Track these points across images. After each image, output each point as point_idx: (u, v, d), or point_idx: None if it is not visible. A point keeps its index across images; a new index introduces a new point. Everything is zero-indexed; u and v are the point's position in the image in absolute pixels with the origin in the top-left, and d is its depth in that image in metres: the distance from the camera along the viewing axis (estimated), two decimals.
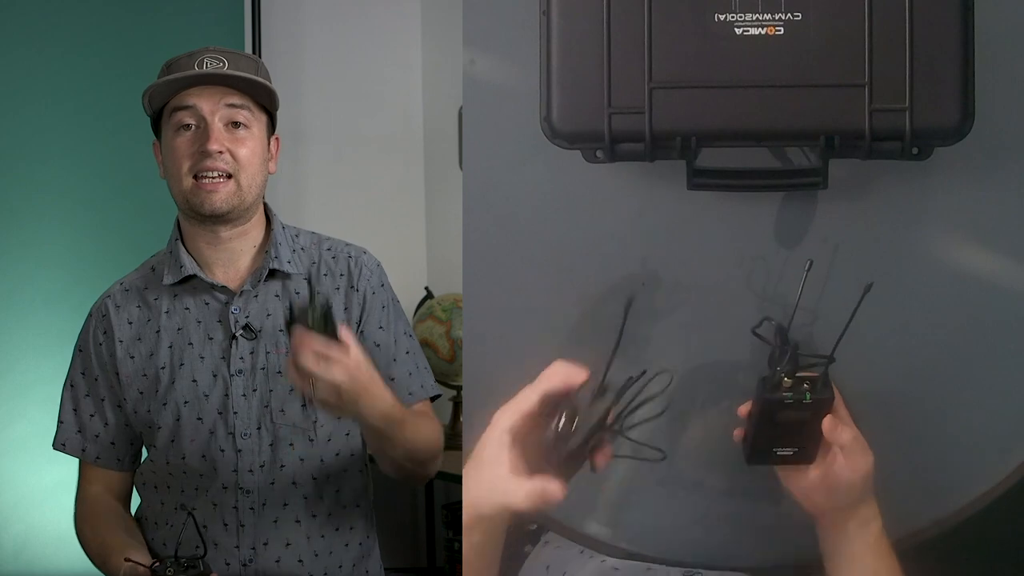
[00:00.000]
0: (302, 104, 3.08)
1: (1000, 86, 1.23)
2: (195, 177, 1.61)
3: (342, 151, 3.18)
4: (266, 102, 1.67)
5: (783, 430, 1.24)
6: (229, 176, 1.61)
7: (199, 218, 1.64)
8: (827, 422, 1.23)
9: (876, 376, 1.29)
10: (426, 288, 3.18)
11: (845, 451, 1.23)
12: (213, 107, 1.61)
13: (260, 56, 2.99)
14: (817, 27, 1.15)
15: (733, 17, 1.15)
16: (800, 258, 1.27)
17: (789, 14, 1.15)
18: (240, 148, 1.62)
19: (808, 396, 1.23)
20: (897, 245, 1.28)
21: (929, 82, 1.15)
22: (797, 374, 1.23)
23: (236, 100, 1.62)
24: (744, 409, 1.27)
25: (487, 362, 1.32)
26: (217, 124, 1.60)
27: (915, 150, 1.17)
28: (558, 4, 1.18)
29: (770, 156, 1.25)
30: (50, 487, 2.64)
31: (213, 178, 1.60)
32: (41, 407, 2.63)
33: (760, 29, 1.15)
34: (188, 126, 1.61)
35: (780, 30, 1.15)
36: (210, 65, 1.60)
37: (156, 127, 1.68)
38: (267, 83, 1.65)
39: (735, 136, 1.18)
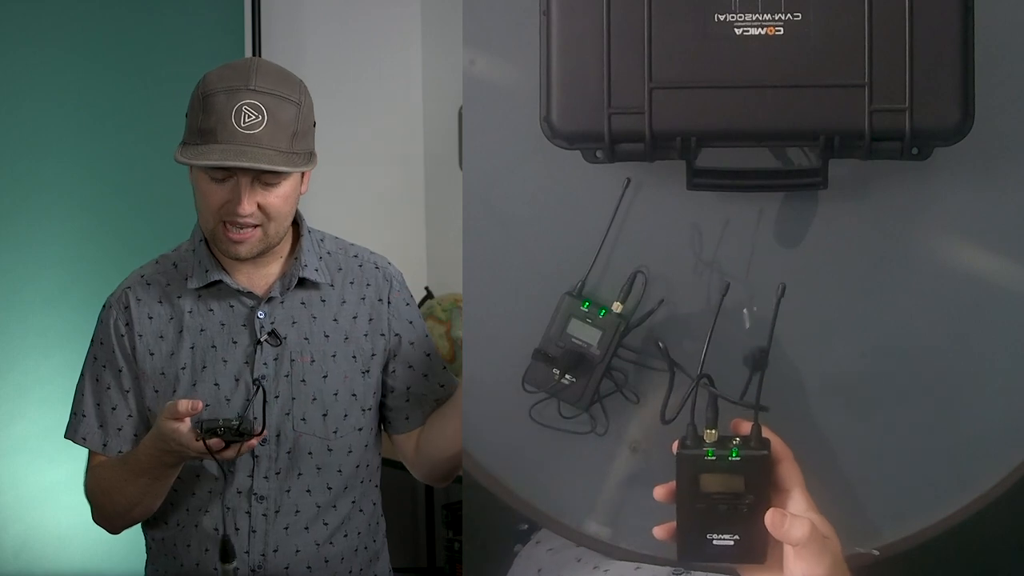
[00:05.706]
0: None
1: (1000, 86, 1.23)
2: (222, 221, 1.56)
3: (342, 151, 3.18)
4: (305, 148, 1.59)
5: (713, 506, 1.02)
6: (257, 226, 1.57)
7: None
8: (770, 517, 1.00)
9: (875, 375, 1.28)
10: (426, 288, 3.18)
11: (800, 550, 0.97)
12: (246, 172, 1.53)
13: (260, 56, 2.99)
14: (817, 27, 1.15)
15: (733, 17, 1.15)
16: (800, 259, 1.27)
17: (789, 14, 1.15)
18: (270, 198, 1.55)
19: (736, 452, 1.01)
20: (897, 245, 1.28)
21: (929, 82, 1.15)
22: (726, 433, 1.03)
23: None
24: (661, 491, 1.06)
25: (487, 362, 1.32)
26: (248, 187, 1.53)
27: (915, 150, 1.17)
28: (558, 4, 1.18)
29: (770, 156, 1.25)
30: (50, 487, 2.64)
31: (240, 228, 1.56)
32: (41, 407, 2.65)
33: (760, 29, 1.15)
34: (220, 179, 1.54)
35: (780, 30, 1.15)
36: (247, 120, 1.49)
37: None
38: (301, 151, 1.56)
39: (735, 136, 1.17)
